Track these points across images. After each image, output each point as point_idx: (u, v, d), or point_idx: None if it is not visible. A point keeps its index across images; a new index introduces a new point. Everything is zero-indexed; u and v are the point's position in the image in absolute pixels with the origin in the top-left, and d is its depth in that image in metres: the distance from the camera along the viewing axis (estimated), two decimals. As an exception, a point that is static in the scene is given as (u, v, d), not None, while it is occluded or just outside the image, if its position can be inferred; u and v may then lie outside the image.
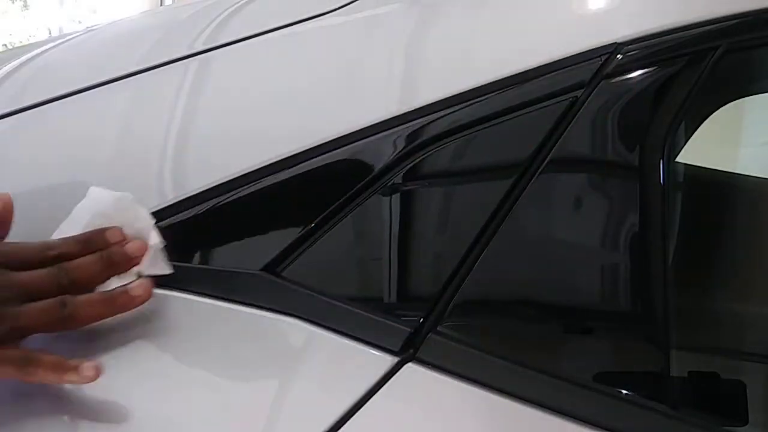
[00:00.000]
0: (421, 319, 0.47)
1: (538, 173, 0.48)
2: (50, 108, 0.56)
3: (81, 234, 0.48)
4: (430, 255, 0.50)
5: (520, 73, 0.50)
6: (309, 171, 0.50)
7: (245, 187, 0.50)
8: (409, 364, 0.46)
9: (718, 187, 0.82)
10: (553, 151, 0.48)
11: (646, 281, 0.49)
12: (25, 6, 5.30)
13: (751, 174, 0.87)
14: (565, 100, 0.49)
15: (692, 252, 0.65)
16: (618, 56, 0.50)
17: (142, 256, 0.47)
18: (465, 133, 0.50)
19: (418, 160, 0.50)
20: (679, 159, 0.58)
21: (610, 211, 0.50)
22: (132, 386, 0.47)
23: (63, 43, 0.72)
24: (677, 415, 0.48)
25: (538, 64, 0.50)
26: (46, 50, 0.69)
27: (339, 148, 0.50)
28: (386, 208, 0.50)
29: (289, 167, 0.50)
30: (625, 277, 0.49)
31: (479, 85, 0.50)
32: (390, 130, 0.50)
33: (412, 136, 0.50)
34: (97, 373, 0.44)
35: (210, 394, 0.46)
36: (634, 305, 0.50)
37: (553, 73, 0.50)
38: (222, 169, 0.50)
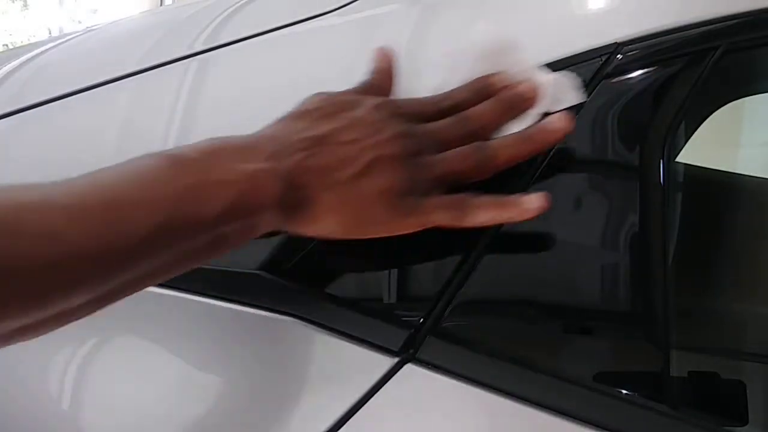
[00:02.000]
0: (421, 319, 0.47)
1: (538, 173, 0.48)
2: (50, 108, 0.56)
3: (469, 83, 0.47)
4: (430, 255, 0.50)
5: (520, 73, 0.50)
6: (309, 171, 0.50)
7: (245, 187, 0.50)
8: (409, 364, 0.46)
9: (718, 187, 0.82)
10: (553, 151, 0.48)
11: (646, 281, 0.49)
12: (25, 6, 5.30)
13: (751, 174, 0.87)
14: (565, 100, 0.49)
15: (692, 252, 0.65)
16: (618, 56, 0.50)
17: (536, 96, 0.46)
18: (465, 133, 0.50)
19: (418, 160, 0.50)
20: (679, 159, 0.58)
21: (610, 211, 0.50)
22: (131, 387, 0.47)
23: (63, 43, 0.72)
24: (677, 415, 0.48)
25: (538, 64, 0.50)
26: (46, 50, 0.69)
27: (339, 148, 0.50)
28: (386, 208, 0.50)
29: (289, 167, 0.50)
30: (625, 277, 0.49)
31: (479, 85, 0.50)
32: (390, 130, 0.50)
33: (412, 136, 0.50)
34: (544, 203, 0.43)
35: (209, 395, 0.46)
36: (634, 305, 0.50)
37: (553, 73, 0.50)
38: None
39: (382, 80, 0.48)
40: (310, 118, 0.43)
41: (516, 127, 0.47)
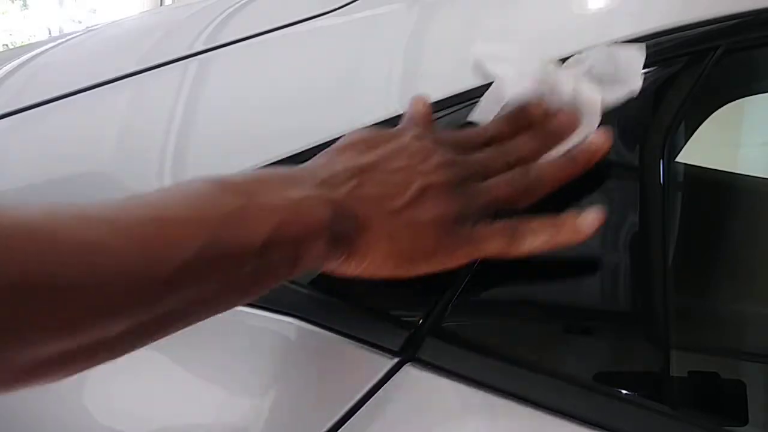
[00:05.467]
0: (421, 319, 0.47)
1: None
2: (50, 108, 0.56)
3: (506, 115, 0.46)
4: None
5: (520, 73, 0.50)
6: (309, 171, 0.50)
7: (245, 187, 0.50)
8: (409, 364, 0.46)
9: (718, 187, 0.82)
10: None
11: (646, 281, 0.49)
12: (25, 6, 5.30)
13: (751, 174, 0.87)
14: (565, 100, 0.49)
15: (692, 252, 0.65)
16: (618, 56, 0.49)
17: (575, 124, 0.45)
18: (465, 133, 0.50)
19: (418, 160, 0.50)
20: (679, 159, 0.58)
21: (610, 211, 0.50)
22: (128, 387, 0.47)
23: (63, 43, 0.72)
24: (677, 415, 0.48)
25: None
26: (46, 50, 0.69)
27: (339, 148, 0.50)
28: (386, 208, 0.50)
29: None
30: (625, 276, 0.49)
31: (479, 84, 0.50)
32: (390, 130, 0.50)
33: (412, 136, 0.50)
34: (601, 219, 0.42)
35: (209, 395, 0.46)
36: (634, 305, 0.50)
37: (553, 73, 0.50)
38: (222, 169, 0.50)
39: (420, 119, 0.47)
40: (353, 150, 0.42)
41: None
